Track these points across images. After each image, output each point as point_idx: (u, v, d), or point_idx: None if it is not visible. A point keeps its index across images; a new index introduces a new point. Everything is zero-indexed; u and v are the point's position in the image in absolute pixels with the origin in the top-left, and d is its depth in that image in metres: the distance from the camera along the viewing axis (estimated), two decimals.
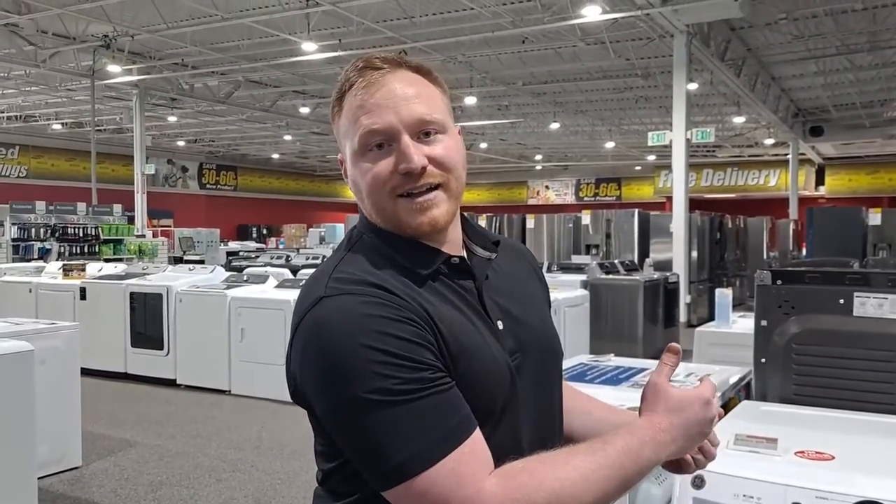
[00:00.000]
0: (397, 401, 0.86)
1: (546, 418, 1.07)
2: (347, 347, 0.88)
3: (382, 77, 0.99)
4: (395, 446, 0.86)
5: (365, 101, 0.98)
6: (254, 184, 28.91)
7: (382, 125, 0.97)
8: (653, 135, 11.79)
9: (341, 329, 0.89)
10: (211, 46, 12.86)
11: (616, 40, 11.55)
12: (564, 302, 6.56)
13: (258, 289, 6.94)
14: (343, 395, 0.88)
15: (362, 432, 0.87)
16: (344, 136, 1.02)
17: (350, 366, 0.87)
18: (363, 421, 0.87)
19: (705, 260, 12.24)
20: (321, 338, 0.90)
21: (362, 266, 0.97)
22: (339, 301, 0.92)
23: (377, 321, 0.89)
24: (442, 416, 0.88)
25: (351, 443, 0.90)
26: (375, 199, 0.99)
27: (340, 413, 0.89)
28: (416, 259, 0.99)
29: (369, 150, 0.98)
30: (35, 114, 19.61)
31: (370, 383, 0.86)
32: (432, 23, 11.19)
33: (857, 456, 1.64)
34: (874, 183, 23.60)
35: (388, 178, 0.97)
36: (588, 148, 24.27)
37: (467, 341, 0.95)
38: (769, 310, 2.12)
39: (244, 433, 5.41)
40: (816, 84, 15.03)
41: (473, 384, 0.93)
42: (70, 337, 4.54)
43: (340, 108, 1.02)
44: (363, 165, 0.99)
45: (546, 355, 1.09)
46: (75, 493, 4.18)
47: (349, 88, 1.01)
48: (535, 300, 1.14)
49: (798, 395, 2.06)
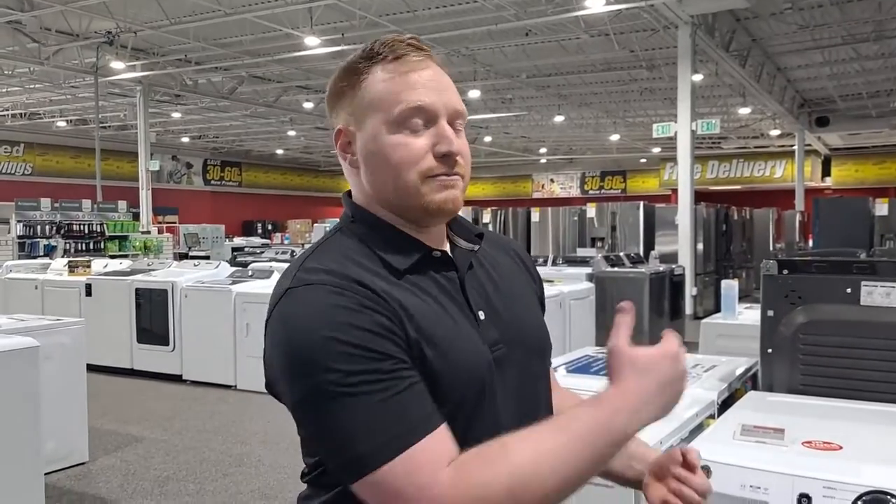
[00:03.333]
0: (357, 392, 0.85)
1: (529, 410, 1.04)
2: (309, 339, 0.87)
3: (426, 60, 1.00)
4: (355, 438, 0.85)
5: (409, 77, 0.97)
6: (258, 179, 28.94)
7: (428, 103, 0.96)
8: (658, 127, 11.76)
9: (304, 321, 0.89)
10: (214, 42, 12.85)
11: (620, 32, 11.50)
12: (570, 295, 6.55)
13: (263, 284, 6.93)
14: (306, 386, 0.87)
15: (324, 424, 0.87)
16: (372, 105, 0.98)
17: (312, 357, 0.86)
18: (326, 413, 0.86)
19: (711, 252, 12.19)
20: (285, 330, 0.90)
21: (334, 255, 0.96)
22: (303, 292, 0.91)
23: (340, 312, 0.88)
24: (404, 410, 0.86)
25: (315, 434, 0.90)
26: (403, 173, 0.97)
27: (305, 404, 0.89)
28: (395, 251, 0.98)
29: (405, 126, 0.97)
30: (39, 111, 19.65)
31: (330, 374, 0.85)
32: (435, 16, 11.16)
33: (864, 446, 1.63)
34: (881, 173, 23.46)
35: (422, 156, 0.96)
36: (593, 140, 24.20)
37: (440, 332, 0.93)
38: (775, 300, 2.11)
39: (250, 428, 5.42)
40: (822, 74, 14.94)
41: (448, 374, 0.92)
42: (76, 333, 4.55)
43: (370, 74, 0.99)
44: (395, 138, 0.97)
45: (530, 348, 1.07)
46: (82, 489, 4.20)
47: (390, 60, 0.99)
48: (521, 293, 1.12)
49: (805, 385, 2.04)
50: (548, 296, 1.28)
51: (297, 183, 30.65)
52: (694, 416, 1.91)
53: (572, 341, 6.15)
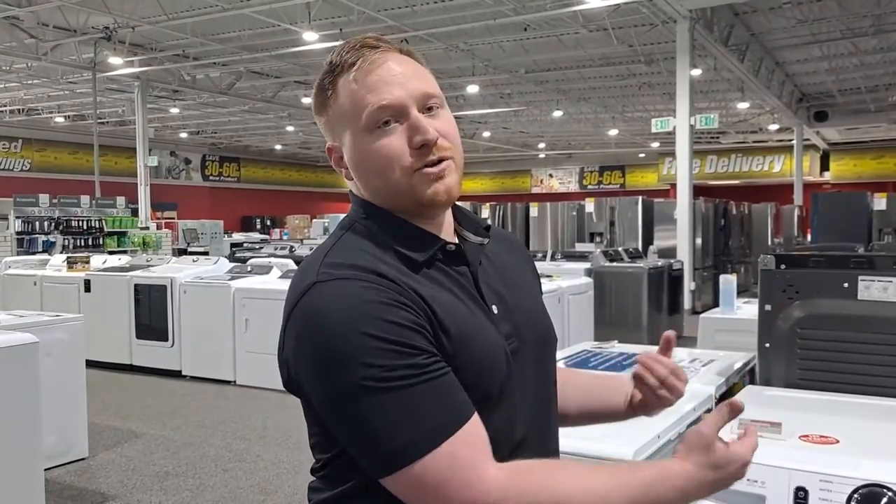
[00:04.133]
0: (393, 387, 0.85)
1: (542, 401, 1.07)
2: (342, 335, 0.87)
3: (381, 55, 0.99)
4: (392, 433, 0.85)
5: (368, 79, 0.97)
6: (257, 175, 28.91)
7: (392, 100, 0.96)
8: (656, 121, 11.74)
9: (335, 316, 0.88)
10: (212, 37, 12.82)
11: (618, 26, 11.48)
12: (568, 290, 6.56)
13: (262, 279, 6.94)
14: (339, 382, 0.87)
15: (359, 419, 0.87)
16: (342, 118, 1.00)
17: (345, 352, 0.86)
18: (360, 408, 0.86)
19: (710, 247, 12.20)
20: (315, 325, 0.89)
21: (355, 251, 0.96)
22: (333, 287, 0.91)
23: (371, 306, 0.88)
24: (439, 402, 0.87)
25: (347, 430, 0.90)
26: (388, 176, 0.97)
27: (337, 400, 0.88)
28: (412, 245, 0.98)
29: (377, 128, 0.97)
30: (37, 107, 19.61)
31: (366, 370, 0.85)
32: (433, 11, 11.13)
33: (861, 439, 1.64)
34: (879, 168, 23.48)
35: (401, 153, 0.96)
36: (591, 135, 24.18)
37: (464, 325, 0.94)
38: (773, 294, 2.11)
39: (249, 423, 5.43)
40: (821, 69, 14.93)
41: (471, 367, 0.93)
42: (75, 329, 4.55)
43: (335, 90, 1.00)
44: (371, 144, 0.97)
45: (541, 340, 1.09)
46: (82, 484, 4.20)
47: (347, 69, 0.99)
48: (528, 286, 1.14)
49: (802, 379, 2.05)
50: (546, 291, 1.29)
51: (295, 178, 30.62)
52: (692, 410, 1.92)
53: (571, 336, 6.16)
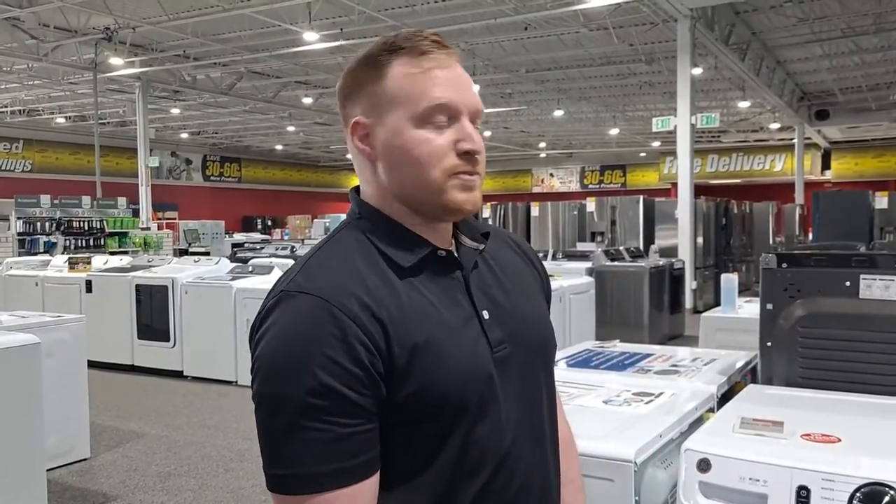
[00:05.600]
0: (305, 424, 0.87)
1: (534, 409, 1.05)
2: (287, 358, 0.89)
3: (450, 57, 0.99)
4: (288, 458, 0.89)
5: (435, 73, 0.97)
6: (258, 175, 28.92)
7: (454, 101, 0.97)
8: (657, 121, 11.75)
9: (288, 336, 0.90)
10: (212, 37, 12.83)
11: (619, 25, 11.48)
12: (570, 289, 6.55)
13: (263, 280, 6.94)
14: (268, 393, 0.90)
15: (266, 432, 0.91)
16: (394, 99, 0.97)
17: (279, 370, 0.89)
18: (271, 424, 0.90)
19: (711, 246, 12.20)
20: (267, 333, 0.92)
21: (337, 258, 0.97)
22: (296, 303, 0.92)
23: (325, 341, 0.88)
24: (343, 454, 0.88)
25: (259, 432, 0.93)
26: (427, 170, 0.96)
27: (260, 405, 0.92)
28: (401, 247, 0.98)
29: (429, 122, 0.96)
30: (38, 108, 19.63)
31: (293, 394, 0.88)
32: (434, 10, 11.14)
33: (863, 438, 1.63)
34: (881, 166, 23.46)
35: (445, 153, 0.97)
36: (592, 135, 24.18)
37: (432, 340, 0.93)
38: (775, 293, 2.11)
39: (251, 423, 5.36)
40: (822, 67, 14.92)
41: (441, 381, 0.92)
42: (77, 330, 4.55)
43: (390, 68, 0.98)
44: (419, 134, 0.96)
45: (534, 345, 1.07)
46: (84, 485, 4.21)
47: (415, 54, 0.97)
48: (526, 290, 1.11)
49: (804, 378, 2.05)
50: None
51: (296, 178, 30.63)
52: (693, 409, 1.91)
53: (572, 335, 6.16)
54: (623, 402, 1.94)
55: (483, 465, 0.96)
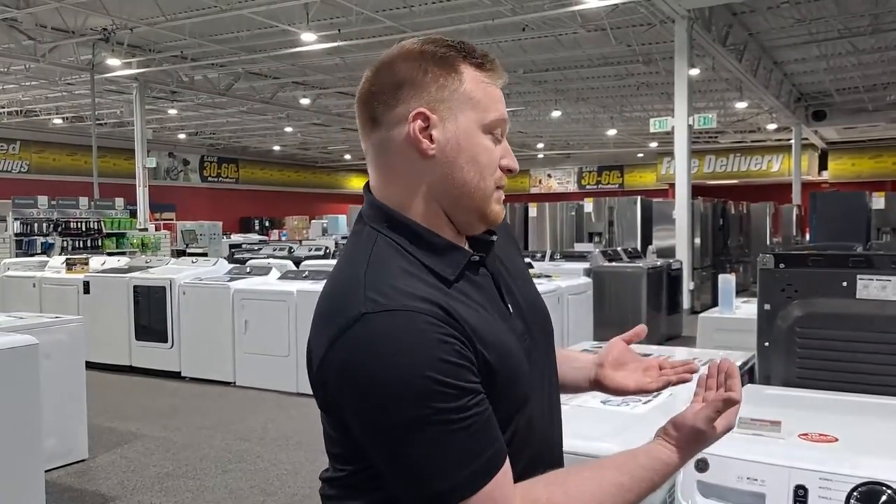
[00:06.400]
0: (445, 430, 0.87)
1: (551, 395, 1.10)
2: (400, 373, 0.87)
3: (503, 79, 1.05)
4: (437, 475, 0.87)
5: (494, 90, 1.03)
6: (255, 176, 28.89)
7: (507, 120, 1.04)
8: (655, 121, 11.76)
9: (392, 353, 0.88)
10: (210, 38, 12.82)
11: (617, 26, 11.49)
12: (568, 290, 6.56)
13: (261, 280, 6.94)
14: (390, 419, 0.87)
15: (406, 457, 0.88)
16: (468, 102, 0.99)
17: (402, 392, 0.87)
18: (409, 447, 0.88)
19: (708, 246, 12.22)
20: (369, 359, 0.88)
21: (394, 272, 0.94)
22: (385, 319, 0.89)
23: (427, 346, 0.88)
24: (483, 445, 0.89)
25: (392, 465, 0.90)
26: (484, 176, 1.00)
27: (385, 435, 0.89)
28: (442, 260, 0.98)
29: (490, 133, 1.01)
30: (36, 108, 19.60)
31: (423, 411, 0.86)
32: (431, 11, 11.14)
33: (860, 438, 1.64)
34: (877, 167, 23.51)
35: (496, 165, 1.02)
36: (590, 136, 24.19)
37: (497, 340, 0.96)
38: (772, 293, 2.12)
39: (249, 424, 5.43)
40: (819, 68, 14.95)
41: (506, 379, 0.95)
42: (75, 331, 4.55)
43: (462, 71, 1.00)
44: (486, 141, 1.01)
45: (544, 331, 1.12)
46: (82, 486, 4.21)
47: (484, 66, 1.02)
48: (526, 276, 1.17)
49: (801, 378, 2.06)
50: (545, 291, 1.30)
51: (294, 179, 30.61)
52: None
53: (570, 336, 6.17)
54: (621, 403, 1.94)
55: (522, 454, 0.98)
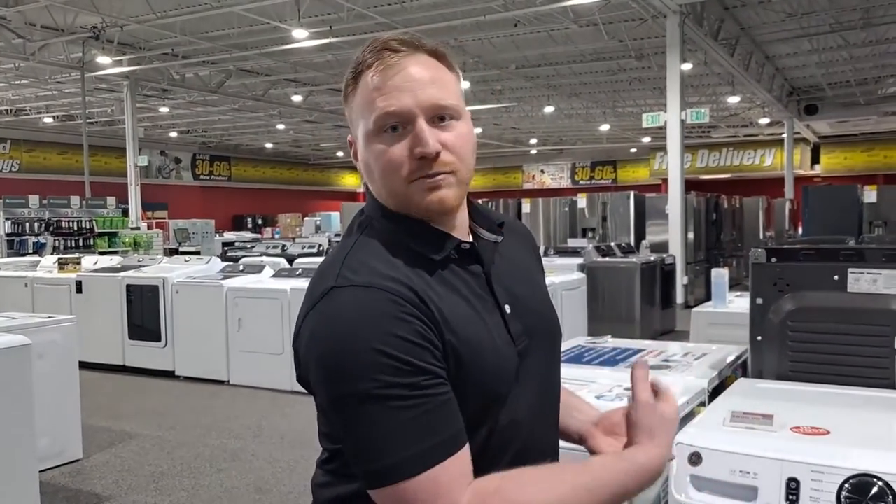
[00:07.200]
0: (394, 406, 0.87)
1: (547, 397, 1.10)
2: (353, 346, 0.88)
3: (400, 60, 0.98)
4: (384, 450, 0.87)
5: (382, 83, 0.97)
6: (248, 174, 28.81)
7: (399, 108, 0.96)
8: (647, 116, 11.78)
9: (349, 326, 0.89)
10: (201, 36, 12.77)
11: (609, 22, 11.50)
12: (561, 285, 6.57)
13: (254, 278, 6.93)
14: (343, 390, 0.89)
15: (355, 429, 0.89)
16: (358, 117, 1.01)
17: (354, 364, 0.88)
18: (359, 419, 0.88)
19: (702, 241, 12.25)
20: (328, 331, 0.91)
21: (374, 254, 0.97)
22: (348, 294, 0.92)
23: (385, 320, 0.89)
24: (434, 428, 0.88)
25: (344, 436, 0.92)
26: (388, 181, 0.99)
27: (339, 406, 0.90)
28: (427, 244, 0.99)
29: (384, 132, 0.97)
30: (26, 107, 19.50)
31: (371, 384, 0.87)
32: (423, 7, 11.12)
33: (852, 430, 1.65)
34: (869, 160, 23.60)
35: (402, 161, 0.97)
36: (583, 131, 24.21)
37: (472, 334, 0.95)
38: (764, 287, 2.12)
39: (244, 423, 5.42)
40: (810, 62, 15.00)
41: (478, 375, 0.95)
42: (67, 330, 4.54)
43: (355, 87, 1.01)
44: (377, 147, 0.98)
45: (549, 336, 1.11)
46: (77, 486, 4.19)
47: (366, 69, 0.99)
48: (537, 281, 1.16)
49: (794, 371, 2.06)
50: None
51: (286, 177, 30.55)
52: (685, 403, 1.93)
53: (564, 332, 6.13)
54: (615, 398, 1.95)
55: (503, 454, 0.98)
